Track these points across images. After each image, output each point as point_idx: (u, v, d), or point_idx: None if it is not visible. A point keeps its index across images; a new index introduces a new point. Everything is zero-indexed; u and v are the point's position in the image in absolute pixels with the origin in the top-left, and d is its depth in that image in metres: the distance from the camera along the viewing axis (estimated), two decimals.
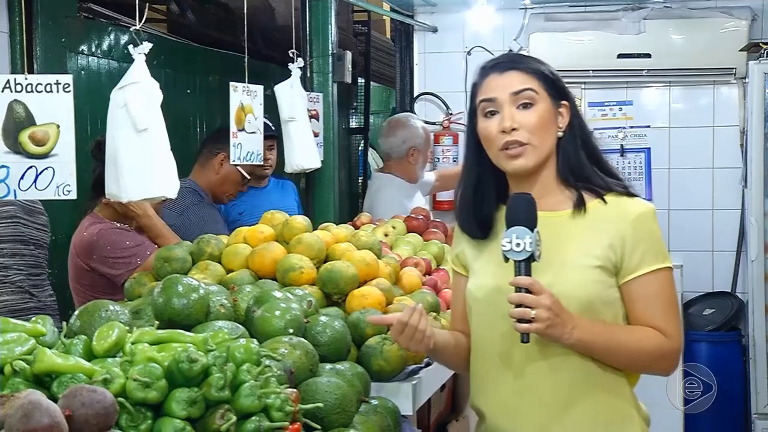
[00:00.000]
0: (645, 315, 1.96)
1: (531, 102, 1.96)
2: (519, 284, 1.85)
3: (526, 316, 1.84)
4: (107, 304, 2.03)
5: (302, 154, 3.39)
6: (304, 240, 2.67)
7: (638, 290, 1.96)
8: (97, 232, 3.23)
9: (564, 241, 1.96)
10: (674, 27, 5.34)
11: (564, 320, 1.87)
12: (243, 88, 3.04)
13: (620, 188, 2.00)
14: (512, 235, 1.85)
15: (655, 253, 1.97)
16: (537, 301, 1.84)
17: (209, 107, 5.15)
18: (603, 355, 1.95)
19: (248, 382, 1.66)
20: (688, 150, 5.44)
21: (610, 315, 1.97)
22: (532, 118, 1.95)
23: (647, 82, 5.47)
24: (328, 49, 3.76)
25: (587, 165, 2.00)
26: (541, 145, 1.97)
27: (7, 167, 2.39)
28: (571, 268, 1.95)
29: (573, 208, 1.99)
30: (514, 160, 1.96)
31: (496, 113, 1.97)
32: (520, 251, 1.84)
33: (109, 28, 4.52)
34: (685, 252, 5.20)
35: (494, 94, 1.98)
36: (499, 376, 2.02)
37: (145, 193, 2.32)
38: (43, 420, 1.34)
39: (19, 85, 2.41)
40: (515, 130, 1.94)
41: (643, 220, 1.97)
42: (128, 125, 2.27)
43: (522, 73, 1.98)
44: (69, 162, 2.32)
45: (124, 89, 2.28)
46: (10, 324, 1.72)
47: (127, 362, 1.63)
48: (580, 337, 1.89)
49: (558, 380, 1.96)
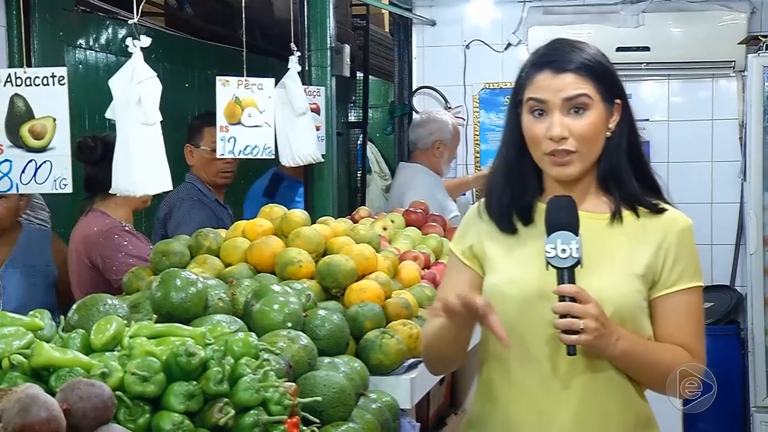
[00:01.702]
0: (674, 332, 1.88)
1: (584, 108, 1.83)
2: (564, 293, 1.75)
3: (574, 326, 1.73)
4: (105, 298, 2.03)
5: (309, 146, 3.39)
6: (303, 234, 2.67)
7: (671, 306, 1.88)
8: (107, 230, 3.22)
9: (607, 245, 1.87)
10: (673, 20, 5.33)
11: (610, 331, 1.77)
12: (239, 82, 3.03)
13: (651, 201, 1.90)
14: (557, 241, 1.75)
15: (693, 270, 1.90)
16: (584, 310, 1.73)
17: (207, 101, 5.13)
18: (637, 370, 1.86)
19: (246, 376, 1.66)
20: (687, 143, 5.43)
21: (647, 328, 1.89)
22: (584, 126, 1.83)
23: (646, 75, 5.46)
24: (327, 42, 3.74)
25: (627, 171, 1.89)
26: (590, 153, 1.86)
27: (10, 161, 2.39)
28: (617, 274, 1.85)
29: (611, 214, 1.89)
30: (560, 168, 1.85)
31: (545, 114, 1.84)
32: (566, 257, 1.75)
33: (106, 21, 4.52)
34: None
35: (545, 95, 1.84)
36: (531, 385, 1.88)
37: (156, 187, 2.32)
38: (40, 413, 1.34)
39: (19, 78, 2.41)
40: (564, 138, 1.83)
41: (687, 234, 1.90)
42: (139, 120, 2.26)
43: (578, 75, 1.83)
44: (65, 155, 2.32)
45: (140, 84, 2.26)
46: (8, 318, 1.72)
47: (125, 356, 1.63)
48: (625, 348, 1.80)
49: (596, 391, 1.86)
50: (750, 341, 4.89)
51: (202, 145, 3.82)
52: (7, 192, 2.49)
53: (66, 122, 2.32)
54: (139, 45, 2.25)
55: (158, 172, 2.28)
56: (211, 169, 3.84)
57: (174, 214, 3.71)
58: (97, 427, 1.41)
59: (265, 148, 3.08)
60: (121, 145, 2.26)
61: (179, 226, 3.59)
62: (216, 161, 3.75)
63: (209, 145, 3.74)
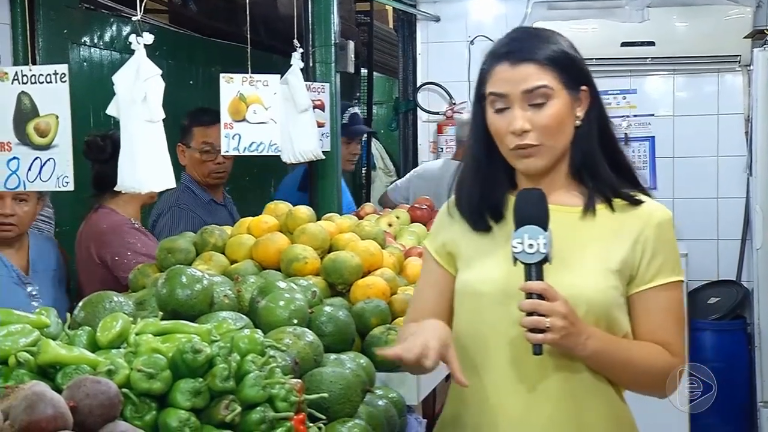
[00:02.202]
0: (652, 330, 1.80)
1: (545, 99, 1.76)
2: (531, 290, 1.68)
3: (540, 325, 1.66)
4: (111, 296, 2.02)
5: (311, 143, 3.38)
6: (308, 230, 2.67)
7: (649, 302, 1.80)
8: (116, 228, 3.21)
9: (579, 239, 1.80)
10: (678, 14, 5.32)
11: (579, 330, 1.70)
12: (243, 79, 3.03)
13: (628, 193, 1.83)
14: (524, 235, 1.68)
15: (672, 264, 1.82)
16: (552, 308, 1.66)
17: (211, 98, 5.14)
18: (611, 370, 1.80)
19: (253, 373, 1.65)
20: (693, 138, 5.42)
21: (624, 325, 1.81)
22: (546, 118, 1.76)
23: (651, 70, 5.45)
24: (331, 38, 3.74)
25: (601, 160, 1.82)
26: (556, 144, 1.79)
27: (18, 159, 2.40)
28: (590, 270, 1.78)
29: (584, 206, 1.82)
30: (526, 162, 1.80)
31: (507, 109, 1.78)
32: (533, 253, 1.67)
33: (110, 19, 4.51)
34: (690, 240, 5.19)
35: (504, 89, 1.77)
36: (502, 386, 1.83)
37: (161, 184, 2.31)
38: (47, 411, 1.33)
39: (25, 76, 2.42)
40: (527, 132, 1.76)
41: (665, 227, 1.82)
42: (143, 117, 2.26)
43: (536, 65, 1.76)
44: (67, 153, 2.32)
45: (146, 82, 2.25)
46: (14, 315, 1.72)
47: (131, 353, 1.63)
48: (596, 348, 1.73)
49: (571, 393, 1.80)
50: (757, 336, 4.87)
51: (193, 145, 3.73)
52: (15, 189, 2.49)
53: (68, 120, 2.32)
54: (143, 42, 2.25)
55: (162, 169, 2.28)
56: (203, 170, 3.74)
57: (158, 223, 3.62)
58: (103, 424, 1.41)
59: (271, 144, 3.07)
60: (126, 142, 2.26)
61: (160, 236, 3.54)
62: (207, 162, 3.70)
63: (198, 145, 3.69)
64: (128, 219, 3.27)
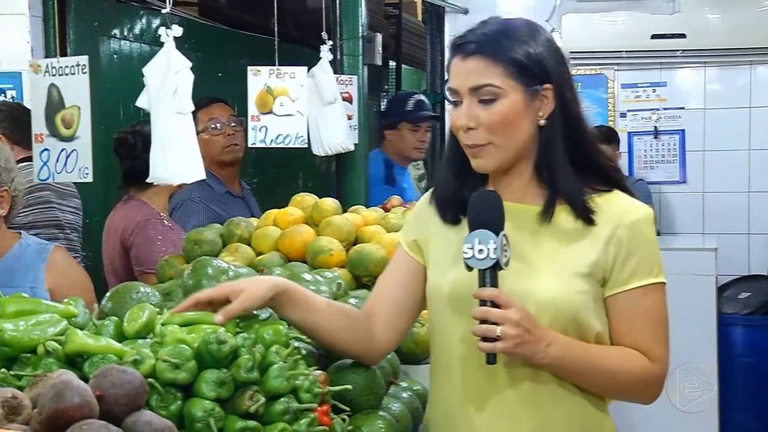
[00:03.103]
0: (629, 334, 1.71)
1: (493, 98, 1.67)
2: (482, 296, 1.60)
3: (490, 333, 1.58)
4: (138, 286, 2.04)
5: (339, 135, 3.38)
6: (334, 222, 2.67)
7: (625, 306, 1.71)
8: (145, 221, 3.22)
9: (541, 242, 1.71)
10: (710, 6, 5.27)
11: (538, 337, 1.61)
12: (271, 71, 3.04)
13: (589, 197, 1.71)
14: (474, 240, 1.59)
15: (648, 266, 1.71)
16: (503, 316, 1.58)
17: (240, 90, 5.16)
18: (579, 377, 1.70)
19: (277, 364, 1.66)
20: (724, 131, 5.37)
21: (597, 332, 1.71)
22: (493, 116, 1.67)
23: (682, 62, 5.41)
24: (359, 31, 3.74)
25: (563, 161, 1.71)
26: (506, 144, 1.69)
27: (48, 150, 2.43)
28: (555, 275, 1.69)
29: (544, 208, 1.72)
30: (475, 159, 1.72)
31: (459, 103, 1.71)
32: (483, 258, 1.59)
33: (140, 11, 4.55)
34: (720, 235, 5.15)
35: (455, 83, 1.71)
36: (464, 393, 1.76)
37: (192, 175, 2.32)
38: (74, 399, 1.35)
39: (54, 68, 2.44)
40: (472, 129, 1.69)
41: (641, 226, 1.72)
42: (174, 109, 2.27)
43: (486, 61, 1.66)
44: (87, 145, 2.33)
45: (177, 75, 2.26)
46: (43, 305, 1.74)
47: (157, 343, 1.65)
48: (557, 355, 1.64)
49: (532, 402, 1.71)
50: None
51: (200, 131, 3.49)
52: (46, 181, 2.52)
53: (88, 111, 2.33)
54: (172, 34, 2.26)
55: (192, 161, 2.29)
56: (215, 149, 3.58)
57: (173, 216, 3.55)
58: (129, 413, 1.42)
59: (298, 137, 3.08)
60: (157, 135, 2.27)
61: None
62: (216, 138, 3.57)
63: (205, 125, 3.56)
64: (157, 212, 3.29)
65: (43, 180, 2.50)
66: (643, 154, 5.56)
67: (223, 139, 3.61)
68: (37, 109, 2.48)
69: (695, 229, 5.50)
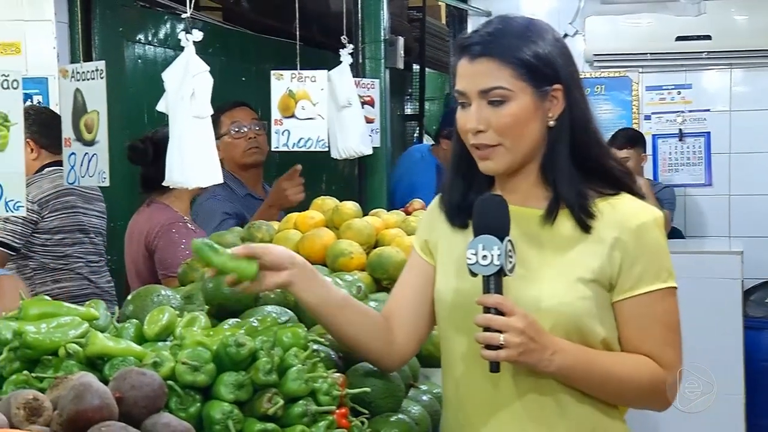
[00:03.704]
0: (639, 340, 1.67)
1: (503, 99, 1.64)
2: (486, 303, 1.56)
3: (493, 341, 1.54)
4: (159, 289, 2.06)
5: (355, 139, 3.38)
6: (354, 225, 2.68)
7: (633, 312, 1.66)
8: (168, 225, 3.24)
9: (545, 247, 1.67)
10: (736, 7, 5.23)
11: (543, 345, 1.57)
12: (293, 75, 3.05)
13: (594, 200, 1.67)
14: (478, 246, 1.56)
15: (656, 270, 1.66)
16: (506, 323, 1.54)
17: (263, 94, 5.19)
18: (586, 385, 1.66)
19: (295, 366, 1.67)
20: (750, 133, 5.33)
21: (601, 338, 1.67)
22: (504, 118, 1.64)
23: (707, 64, 5.36)
24: (380, 34, 3.75)
25: (568, 166, 1.67)
26: (516, 145, 1.66)
27: (75, 154, 2.45)
28: (557, 281, 1.65)
29: (547, 212, 1.68)
30: (484, 162, 1.68)
31: (468, 106, 1.67)
32: (487, 265, 1.55)
33: (164, 16, 4.59)
34: (746, 238, 5.10)
35: (463, 86, 1.67)
36: (470, 401, 1.74)
37: (208, 179, 2.33)
38: (93, 401, 1.37)
39: (78, 73, 2.47)
40: (482, 132, 1.65)
41: (648, 230, 1.67)
42: (192, 113, 2.28)
43: (495, 62, 1.63)
44: (105, 149, 2.35)
45: (194, 78, 2.28)
46: (65, 308, 1.76)
47: (176, 346, 1.66)
48: (562, 364, 1.60)
49: (539, 412, 1.68)
50: None
51: (223, 134, 3.56)
52: (73, 184, 2.54)
53: (105, 116, 2.35)
54: (192, 39, 2.28)
55: (210, 164, 2.31)
56: (237, 152, 3.59)
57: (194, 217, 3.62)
58: (148, 416, 1.44)
59: (319, 140, 3.09)
60: (174, 138, 2.29)
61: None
62: (237, 141, 3.57)
63: (228, 128, 3.56)
64: (180, 216, 3.30)
65: (71, 183, 2.53)
66: (668, 156, 5.52)
67: (244, 142, 3.61)
68: (66, 114, 2.51)
69: (721, 232, 5.46)
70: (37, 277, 3.54)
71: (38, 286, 3.50)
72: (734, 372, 4.56)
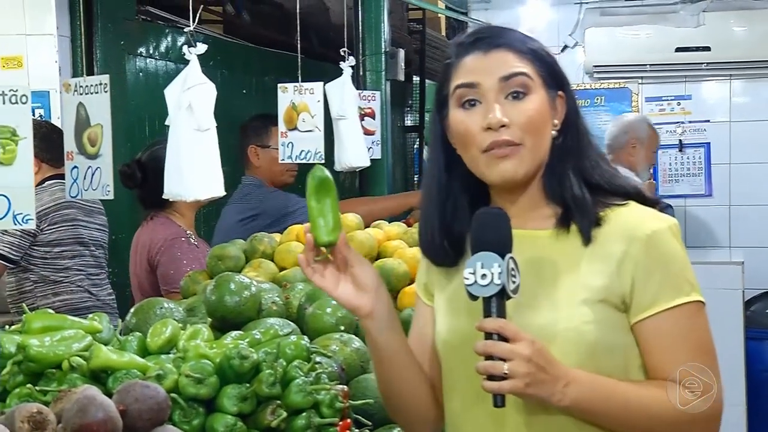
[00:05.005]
0: (666, 365, 1.44)
1: (525, 91, 1.45)
2: (486, 329, 1.35)
3: (495, 370, 1.33)
4: (162, 302, 2.07)
5: (352, 152, 3.39)
6: (356, 237, 2.69)
7: (654, 333, 1.44)
8: (171, 240, 3.24)
9: (553, 270, 1.48)
10: (735, 18, 5.24)
11: (554, 375, 1.36)
12: (295, 88, 3.06)
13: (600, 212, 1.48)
14: (476, 264, 1.35)
15: (676, 282, 1.44)
16: (511, 350, 1.33)
17: (265, 107, 5.21)
18: (607, 421, 1.43)
19: (298, 379, 1.68)
20: (750, 144, 5.34)
21: (619, 366, 1.45)
22: (528, 111, 1.45)
23: (706, 75, 5.38)
24: (381, 47, 3.77)
25: (575, 178, 1.50)
26: (537, 147, 1.47)
27: (77, 167, 2.46)
28: (561, 306, 1.44)
29: (553, 230, 1.49)
30: (503, 163, 1.45)
31: (478, 104, 1.46)
32: (487, 284, 1.34)
33: (166, 30, 4.60)
34: (747, 248, 5.10)
35: (477, 78, 1.46)
36: None
37: (208, 192, 2.33)
38: (97, 414, 1.37)
39: (81, 87, 2.48)
40: (505, 126, 1.44)
41: (659, 240, 1.45)
42: (190, 126, 2.29)
43: (513, 52, 1.46)
44: (109, 163, 2.36)
45: (190, 90, 2.28)
46: (68, 321, 1.77)
47: (180, 358, 1.66)
48: (578, 396, 1.38)
49: None
50: None
51: (272, 145, 3.55)
52: (75, 197, 2.55)
53: (109, 129, 2.36)
54: (195, 52, 2.29)
55: (211, 177, 2.31)
56: (280, 168, 3.60)
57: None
58: (152, 428, 1.44)
59: (316, 152, 3.10)
60: (172, 150, 2.29)
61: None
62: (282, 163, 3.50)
63: (277, 144, 3.47)
64: (183, 230, 3.30)
65: (74, 197, 2.54)
66: (668, 167, 5.53)
67: (287, 163, 3.53)
68: (68, 128, 2.52)
69: (721, 242, 5.46)
70: (38, 290, 3.54)
71: (39, 299, 3.50)
72: (736, 382, 4.56)
